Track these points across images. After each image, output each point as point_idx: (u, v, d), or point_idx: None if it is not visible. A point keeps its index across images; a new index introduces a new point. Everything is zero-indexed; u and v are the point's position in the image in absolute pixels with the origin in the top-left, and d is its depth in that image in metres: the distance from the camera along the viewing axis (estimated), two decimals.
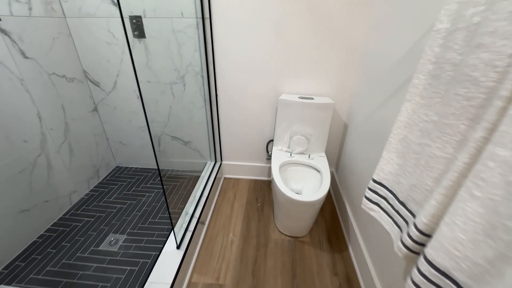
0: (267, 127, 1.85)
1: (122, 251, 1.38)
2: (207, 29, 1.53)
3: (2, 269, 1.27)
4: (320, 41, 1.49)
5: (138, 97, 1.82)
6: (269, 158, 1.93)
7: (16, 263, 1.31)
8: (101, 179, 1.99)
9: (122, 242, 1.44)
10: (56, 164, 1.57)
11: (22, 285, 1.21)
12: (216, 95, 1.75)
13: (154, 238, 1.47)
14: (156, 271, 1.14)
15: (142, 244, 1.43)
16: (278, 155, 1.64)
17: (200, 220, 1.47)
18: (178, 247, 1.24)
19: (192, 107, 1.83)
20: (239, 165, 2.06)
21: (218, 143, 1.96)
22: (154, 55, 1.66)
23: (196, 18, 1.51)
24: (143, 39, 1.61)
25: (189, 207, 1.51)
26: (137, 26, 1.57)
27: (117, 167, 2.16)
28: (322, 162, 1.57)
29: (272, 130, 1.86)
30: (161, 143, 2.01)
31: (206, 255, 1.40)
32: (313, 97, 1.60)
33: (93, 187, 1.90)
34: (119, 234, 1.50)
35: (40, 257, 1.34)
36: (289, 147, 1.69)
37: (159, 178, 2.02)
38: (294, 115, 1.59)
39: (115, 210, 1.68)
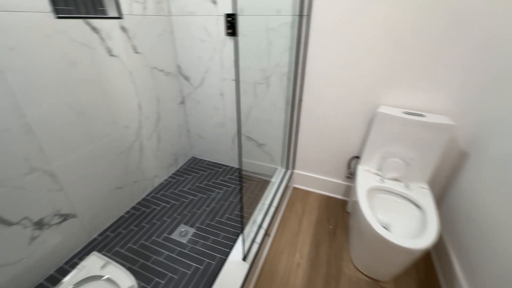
0: (353, 141, 1.61)
1: (190, 245, 1.41)
2: (303, 27, 1.39)
3: (97, 235, 1.46)
4: (439, 37, 1.16)
5: (221, 95, 1.84)
6: (350, 176, 1.69)
7: (107, 233, 1.49)
8: (178, 167, 2.14)
9: (191, 236, 1.48)
10: (146, 150, 1.72)
11: (109, 254, 1.36)
12: (300, 100, 1.61)
13: (220, 239, 1.45)
14: (220, 281, 1.09)
15: (208, 243, 1.43)
16: (365, 177, 1.39)
17: (267, 232, 1.38)
18: (244, 258, 1.17)
19: (272, 109, 1.74)
20: (312, 177, 1.88)
21: (292, 150, 1.83)
22: (243, 54, 1.61)
23: (293, 15, 1.39)
24: (235, 37, 1.59)
25: (258, 216, 1.44)
26: (231, 24, 1.56)
27: (193, 157, 2.29)
28: (424, 197, 1.25)
29: (358, 146, 1.61)
30: (235, 141, 2.01)
31: (269, 273, 1.30)
32: (423, 113, 1.28)
33: (172, 174, 2.05)
34: (189, 226, 1.54)
35: (124, 232, 1.50)
36: (379, 170, 1.42)
37: (228, 176, 2.03)
38: (394, 132, 1.31)
39: (187, 201, 1.75)
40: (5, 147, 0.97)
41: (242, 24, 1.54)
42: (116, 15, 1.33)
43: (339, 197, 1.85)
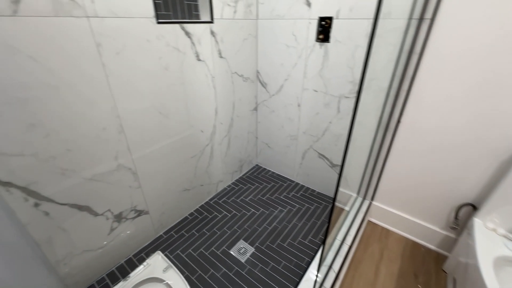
0: (468, 183, 1.22)
1: (248, 267, 1.31)
2: (421, 34, 1.11)
3: (163, 233, 1.51)
4: None
5: (298, 105, 1.68)
6: (455, 227, 1.30)
7: (172, 232, 1.52)
8: (242, 174, 2.08)
9: (250, 256, 1.37)
10: (216, 155, 1.71)
11: (171, 256, 1.37)
12: (399, 122, 1.31)
13: (280, 269, 1.30)
14: None
15: (267, 269, 1.29)
16: (488, 238, 1.03)
17: (337, 276, 1.16)
18: None
19: (357, 128, 1.49)
20: (396, 214, 1.54)
21: (376, 179, 1.53)
22: (332, 63, 1.42)
23: (409, 19, 1.12)
24: (325, 43, 1.40)
25: (327, 253, 1.23)
26: (324, 29, 1.37)
27: (257, 165, 2.21)
28: None
29: (476, 192, 1.21)
30: (305, 156, 1.83)
31: None
32: None
33: (235, 180, 2.01)
34: (248, 244, 1.44)
35: (187, 235, 1.50)
36: None
37: (293, 193, 1.87)
38: None
39: (248, 214, 1.66)
40: (101, 145, 1.04)
41: (337, 28, 1.35)
42: (208, 19, 1.31)
43: (433, 247, 1.46)
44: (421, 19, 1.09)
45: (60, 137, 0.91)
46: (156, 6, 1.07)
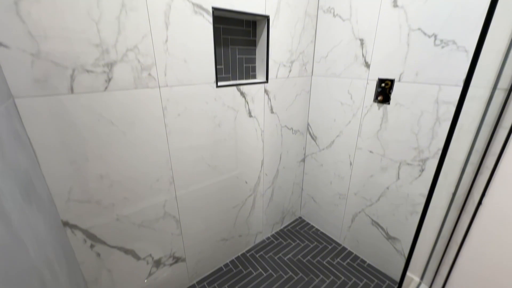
0: None
1: None
2: (511, 107, 0.92)
3: (196, 282, 1.48)
4: None
5: (350, 164, 1.56)
6: None
7: (204, 283, 1.48)
8: (283, 226, 1.97)
9: None
10: (258, 205, 1.67)
11: None
12: (479, 203, 1.07)
13: None
14: None
15: None
16: None
17: None
18: None
19: (421, 201, 1.27)
20: None
21: (447, 266, 1.24)
22: (392, 125, 1.30)
23: (493, 88, 0.96)
24: (384, 104, 1.30)
25: None
26: (383, 90, 1.29)
27: (300, 218, 2.07)
28: None
29: None
30: (355, 220, 1.63)
31: None
32: None
33: (275, 232, 1.90)
34: None
35: None
36: None
37: (338, 260, 1.65)
38: None
39: (285, 277, 1.52)
40: (153, 194, 1.12)
41: (399, 91, 1.25)
42: (263, 79, 1.38)
43: None
44: (510, 90, 0.92)
45: (121, 187, 1.02)
46: (217, 71, 1.19)
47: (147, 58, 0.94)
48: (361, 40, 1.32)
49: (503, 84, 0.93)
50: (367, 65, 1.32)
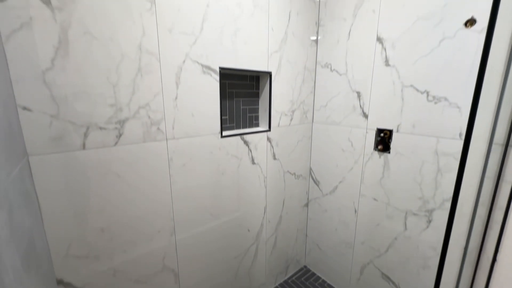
0: None
1: None
2: (511, 160, 0.94)
3: None
4: None
5: (354, 211, 1.52)
6: None
7: None
8: (287, 276, 1.85)
9: None
10: (260, 255, 1.59)
11: None
12: (494, 260, 1.02)
13: None
14: None
15: None
16: None
17: None
18: None
19: (432, 254, 1.22)
20: None
21: None
22: (394, 174, 1.30)
23: (489, 143, 0.98)
24: (385, 153, 1.33)
25: None
26: (382, 140, 1.33)
27: (305, 267, 1.95)
28: None
29: None
30: (364, 272, 1.53)
31: None
32: None
33: (279, 284, 1.78)
34: None
35: None
36: None
37: None
38: None
39: None
40: (154, 246, 1.09)
41: (398, 141, 1.28)
42: (266, 128, 1.44)
43: None
44: (507, 145, 0.94)
45: (121, 240, 1.00)
46: (222, 121, 1.25)
47: (157, 114, 1.00)
48: (358, 93, 1.40)
49: (499, 140, 0.96)
50: (365, 116, 1.38)
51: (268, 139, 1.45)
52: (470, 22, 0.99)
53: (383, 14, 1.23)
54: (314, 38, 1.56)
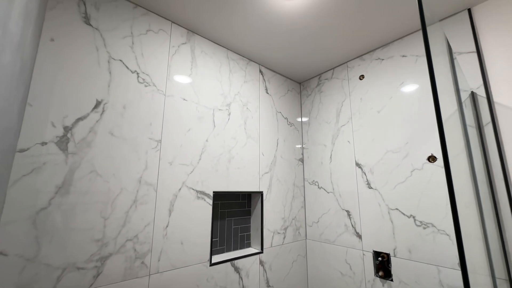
0: None
1: None
2: None
3: None
4: None
5: None
6: None
7: None
8: None
9: None
10: None
11: None
12: None
13: None
14: None
15: None
16: None
17: None
18: None
19: None
20: None
21: None
22: None
23: (492, 277, 0.94)
24: (388, 281, 1.22)
25: None
26: (381, 264, 1.25)
27: None
28: None
29: None
30: None
31: None
32: None
33: None
34: None
35: None
36: None
37: None
38: None
39: None
40: None
41: (399, 267, 1.21)
42: (258, 250, 1.36)
43: None
44: (510, 278, 0.90)
45: None
46: (212, 244, 1.18)
47: (144, 246, 0.95)
48: (348, 212, 1.43)
49: (500, 274, 0.93)
50: (359, 236, 1.36)
51: (261, 262, 1.34)
52: (432, 158, 1.15)
53: (357, 145, 1.44)
54: (301, 157, 1.74)
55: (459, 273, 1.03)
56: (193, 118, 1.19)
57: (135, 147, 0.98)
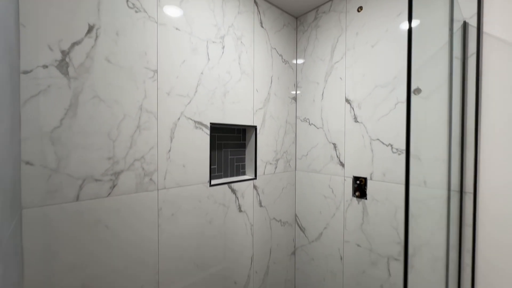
0: None
1: None
2: (467, 205, 1.07)
3: None
4: None
5: (340, 258, 1.54)
6: None
7: None
8: None
9: None
10: None
11: None
12: None
13: None
14: None
15: None
16: None
17: None
18: None
19: None
20: None
21: None
22: (373, 219, 1.39)
23: (448, 190, 1.12)
24: (363, 199, 1.43)
25: None
26: (359, 186, 1.44)
27: None
28: None
29: None
30: None
31: None
32: None
33: None
34: None
35: None
36: None
37: None
38: None
39: None
40: None
41: (373, 188, 1.41)
42: (252, 176, 1.53)
43: None
44: (461, 191, 1.08)
45: None
46: (211, 170, 1.33)
47: (150, 166, 1.07)
48: (334, 144, 1.57)
49: (455, 187, 1.11)
50: (342, 164, 1.52)
51: (255, 186, 1.53)
52: (417, 91, 1.22)
53: (348, 81, 1.48)
54: (294, 96, 1.79)
55: (423, 189, 1.21)
56: (187, 50, 1.19)
57: (132, 76, 1.01)
